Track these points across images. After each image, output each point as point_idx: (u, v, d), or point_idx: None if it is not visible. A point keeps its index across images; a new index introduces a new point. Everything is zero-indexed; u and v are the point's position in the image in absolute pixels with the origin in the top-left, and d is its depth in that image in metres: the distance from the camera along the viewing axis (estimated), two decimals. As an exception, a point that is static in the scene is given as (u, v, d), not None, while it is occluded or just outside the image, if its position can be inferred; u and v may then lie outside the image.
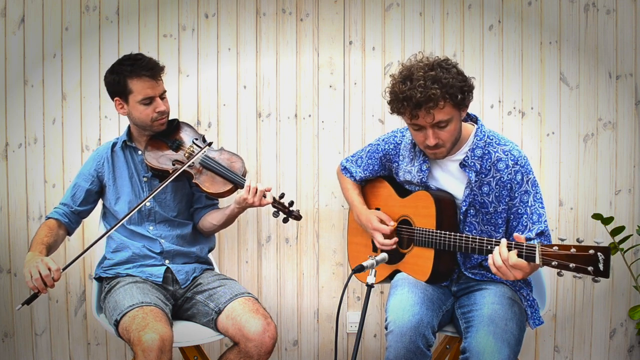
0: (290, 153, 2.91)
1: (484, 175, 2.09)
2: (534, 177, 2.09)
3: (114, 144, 2.46)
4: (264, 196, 2.29)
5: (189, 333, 2.26)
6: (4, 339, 2.88)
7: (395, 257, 2.24)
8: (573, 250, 1.65)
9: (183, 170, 2.33)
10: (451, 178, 2.15)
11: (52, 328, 2.90)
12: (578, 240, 1.68)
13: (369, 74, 2.90)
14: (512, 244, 1.81)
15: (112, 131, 2.84)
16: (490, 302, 2.03)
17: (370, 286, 1.78)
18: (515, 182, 2.07)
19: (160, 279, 2.31)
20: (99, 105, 2.85)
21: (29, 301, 2.09)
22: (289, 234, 2.93)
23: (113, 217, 2.43)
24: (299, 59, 2.89)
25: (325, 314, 2.96)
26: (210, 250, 2.56)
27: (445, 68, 1.97)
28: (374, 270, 1.80)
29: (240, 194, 2.32)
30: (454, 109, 1.98)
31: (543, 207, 2.07)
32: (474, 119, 2.18)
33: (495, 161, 2.08)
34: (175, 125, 2.48)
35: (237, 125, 2.90)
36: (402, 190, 2.29)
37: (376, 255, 1.86)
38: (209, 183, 2.34)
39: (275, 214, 2.37)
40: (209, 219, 2.46)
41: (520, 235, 1.81)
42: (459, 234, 2.00)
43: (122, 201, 2.40)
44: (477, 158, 2.08)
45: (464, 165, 2.09)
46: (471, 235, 1.98)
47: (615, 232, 2.74)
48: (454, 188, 2.14)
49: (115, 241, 2.39)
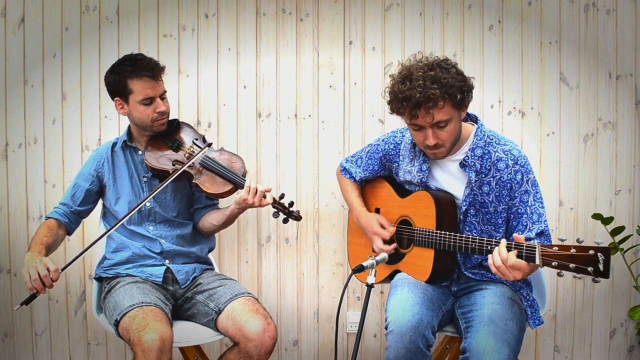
0: (290, 153, 2.91)
1: (484, 175, 2.09)
2: (534, 177, 2.09)
3: (114, 144, 2.46)
4: (264, 197, 2.29)
5: (189, 333, 2.26)
6: (4, 339, 2.88)
7: (395, 257, 2.24)
8: (573, 250, 1.65)
9: (183, 170, 2.33)
10: (451, 178, 2.15)
11: (52, 328, 2.90)
12: (578, 240, 1.68)
13: (369, 74, 2.89)
14: (512, 244, 1.81)
15: (112, 131, 2.84)
16: (490, 302, 2.03)
17: (370, 286, 1.78)
18: (515, 182, 2.07)
19: (160, 279, 2.31)
20: (99, 105, 2.85)
21: (27, 301, 2.09)
22: (289, 234, 2.93)
23: (113, 217, 2.43)
24: (299, 59, 2.89)
25: (325, 314, 2.96)
26: (210, 250, 2.56)
27: (445, 68, 1.97)
28: (374, 270, 1.81)
29: (240, 194, 2.32)
30: (453, 109, 1.98)
31: (543, 207, 2.07)
32: (474, 119, 2.18)
33: (495, 161, 2.08)
34: (175, 126, 2.48)
35: (237, 125, 2.89)
36: (402, 190, 2.29)
37: (376, 256, 1.87)
38: (209, 183, 2.34)
39: (275, 215, 2.37)
40: (209, 219, 2.46)
41: (519, 236, 1.81)
42: (458, 234, 2.00)
43: (122, 201, 2.40)
44: (477, 158, 2.08)
45: (464, 165, 2.09)
46: (471, 236, 1.98)
47: (615, 232, 2.74)
48: (454, 188, 2.14)
49: (115, 241, 2.39)
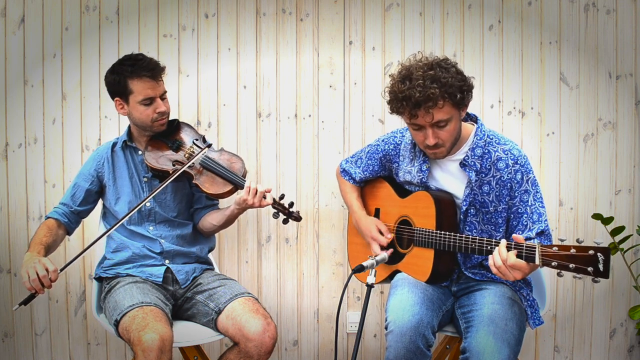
0: (290, 153, 2.91)
1: (484, 175, 2.09)
2: (534, 177, 2.09)
3: (114, 144, 2.46)
4: (264, 197, 2.29)
5: (189, 333, 2.25)
6: (4, 339, 2.88)
7: (395, 258, 2.23)
8: (573, 250, 1.65)
9: (183, 170, 2.33)
10: (451, 178, 2.14)
11: (52, 328, 2.90)
12: (578, 240, 1.68)
13: (369, 74, 2.89)
14: (512, 244, 1.81)
15: (112, 131, 2.84)
16: (490, 302, 2.03)
17: (370, 286, 1.78)
18: (515, 182, 2.07)
19: (160, 279, 2.31)
20: (99, 105, 2.85)
21: (26, 302, 2.09)
22: (289, 234, 2.93)
23: (113, 217, 2.43)
24: (299, 59, 2.89)
25: (325, 314, 2.96)
26: (210, 250, 2.56)
27: (444, 67, 1.97)
28: (374, 270, 1.81)
29: (240, 195, 2.32)
30: (453, 109, 1.98)
31: (543, 207, 2.07)
32: (474, 119, 2.18)
33: (495, 160, 2.08)
34: (175, 126, 2.48)
35: (237, 125, 2.89)
36: (402, 190, 2.29)
37: (376, 256, 1.87)
38: (209, 184, 2.34)
39: (275, 215, 2.36)
40: (209, 220, 2.46)
41: (519, 236, 1.81)
42: (458, 235, 2.00)
43: (122, 201, 2.40)
44: (477, 157, 2.08)
45: (464, 164, 2.09)
46: (471, 236, 1.97)
47: (615, 232, 2.74)
48: (454, 188, 2.14)
49: (115, 241, 2.39)
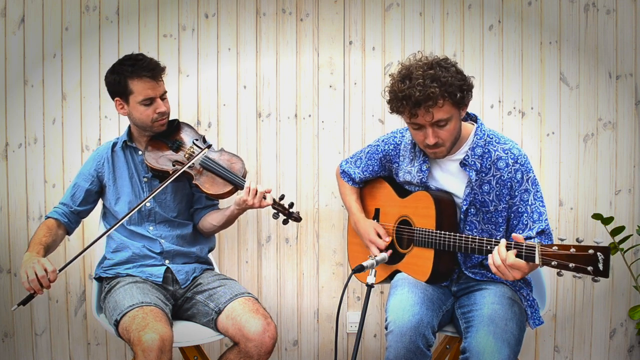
0: (290, 153, 2.91)
1: (484, 174, 2.09)
2: (534, 176, 2.08)
3: (114, 144, 2.46)
4: (264, 198, 2.29)
5: (189, 333, 2.25)
6: (4, 339, 2.88)
7: (395, 258, 2.24)
8: (572, 250, 1.65)
9: (183, 170, 2.33)
10: (451, 177, 2.14)
11: (52, 328, 2.90)
12: (578, 240, 1.68)
13: (369, 74, 2.89)
14: (512, 244, 1.81)
15: (112, 131, 2.84)
16: (490, 302, 2.03)
17: (370, 286, 1.78)
18: (516, 181, 2.07)
19: (160, 279, 2.31)
20: (99, 105, 2.85)
21: (24, 302, 2.09)
22: (289, 234, 2.93)
23: (113, 217, 2.42)
24: (299, 59, 2.89)
25: (325, 314, 2.96)
26: (210, 250, 2.56)
27: (444, 67, 1.97)
28: (374, 270, 1.81)
29: (240, 195, 2.31)
30: (453, 108, 1.98)
31: (544, 206, 2.07)
32: (474, 118, 2.18)
33: (496, 160, 2.08)
34: (175, 126, 2.48)
35: (237, 125, 2.89)
36: (402, 190, 2.29)
37: (376, 256, 1.87)
38: (209, 184, 2.34)
39: (275, 216, 2.36)
40: (209, 220, 2.45)
41: (518, 235, 1.81)
42: (458, 234, 2.00)
43: (122, 201, 2.40)
44: (477, 157, 2.08)
45: (464, 164, 2.09)
46: (471, 236, 1.97)
47: (615, 232, 2.74)
48: (454, 187, 2.14)
49: (115, 241, 2.39)
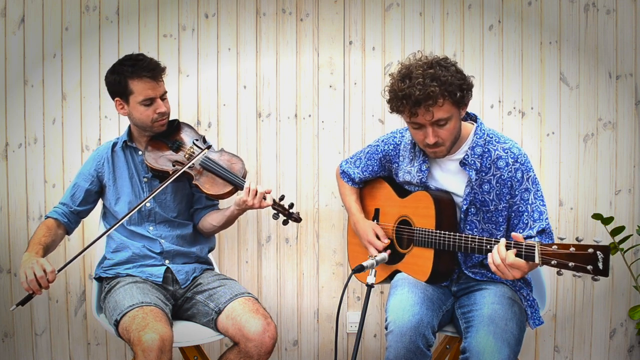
0: (290, 153, 2.91)
1: (484, 174, 2.09)
2: (534, 175, 2.08)
3: (114, 144, 2.46)
4: (264, 198, 2.29)
5: (189, 333, 2.25)
6: (4, 339, 2.88)
7: (395, 258, 2.24)
8: (572, 249, 1.65)
9: (183, 171, 2.33)
10: (451, 177, 2.14)
11: (52, 328, 2.90)
12: (577, 239, 1.68)
13: (369, 74, 2.89)
14: (512, 243, 1.81)
15: (112, 131, 2.84)
16: (490, 302, 2.03)
17: (370, 286, 1.78)
18: (516, 180, 2.07)
19: (160, 279, 2.31)
20: (99, 105, 2.85)
21: (23, 302, 2.09)
22: (289, 234, 2.93)
23: (113, 217, 2.42)
24: (299, 59, 2.89)
25: (325, 314, 2.96)
26: (210, 250, 2.56)
27: (444, 66, 1.97)
28: (374, 270, 1.81)
29: (240, 196, 2.31)
30: (453, 107, 1.98)
31: (544, 205, 2.07)
32: (473, 118, 2.18)
33: (495, 159, 2.08)
34: (175, 126, 2.48)
35: (237, 125, 2.89)
36: (402, 190, 2.29)
37: (376, 256, 1.87)
38: (209, 184, 2.34)
39: (275, 216, 2.36)
40: (209, 220, 2.45)
41: (518, 235, 1.81)
42: (458, 234, 2.00)
43: (122, 201, 2.40)
44: (477, 156, 2.08)
45: (464, 163, 2.09)
46: (470, 235, 1.97)
47: (615, 232, 2.74)
48: (454, 187, 2.14)
49: (115, 241, 2.39)
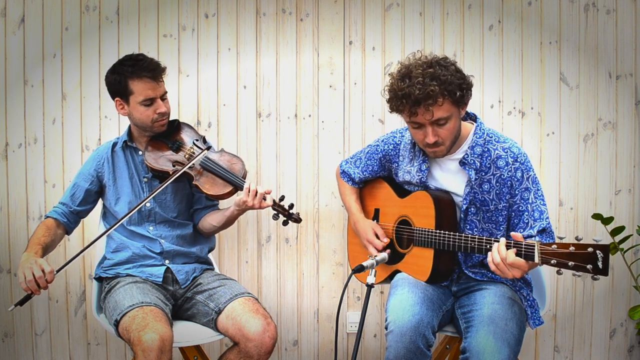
0: (290, 153, 2.91)
1: (484, 173, 2.09)
2: (534, 174, 2.08)
3: (114, 144, 2.46)
4: (264, 199, 2.28)
5: (189, 333, 2.25)
6: (4, 339, 2.88)
7: (395, 258, 2.24)
8: (572, 248, 1.65)
9: (183, 171, 2.33)
10: (451, 177, 2.14)
11: (52, 328, 2.90)
12: (577, 238, 1.68)
13: (369, 74, 2.90)
14: (511, 242, 1.81)
15: (112, 131, 2.84)
16: (490, 302, 2.03)
17: (370, 286, 1.78)
18: (516, 180, 2.07)
19: (160, 279, 2.31)
20: (99, 105, 2.85)
21: (21, 302, 2.09)
22: (289, 234, 2.93)
23: (113, 218, 2.42)
24: (299, 59, 2.89)
25: (325, 314, 2.96)
26: (211, 250, 2.56)
27: (444, 65, 1.97)
28: (374, 270, 1.81)
29: (240, 196, 2.31)
30: (452, 106, 1.98)
31: (544, 204, 2.07)
32: (473, 118, 2.18)
33: (495, 159, 2.08)
34: (175, 126, 2.48)
35: (237, 125, 2.89)
36: (402, 190, 2.29)
37: (376, 256, 1.87)
38: (209, 185, 2.34)
39: (275, 217, 2.36)
40: (209, 220, 2.45)
41: (517, 234, 1.81)
42: (458, 234, 2.00)
43: (122, 202, 2.40)
44: (477, 156, 2.08)
45: (463, 163, 2.09)
46: (470, 235, 1.97)
47: (615, 232, 2.74)
48: (454, 187, 2.14)
49: (115, 241, 2.39)
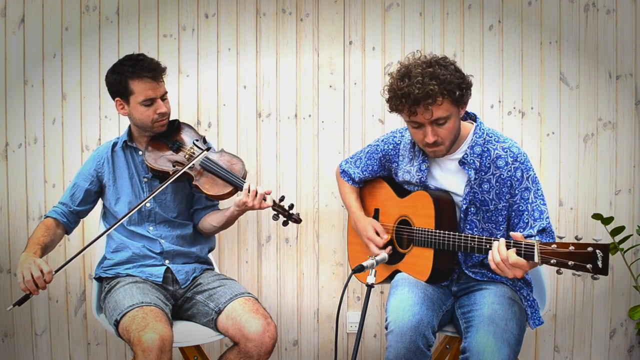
0: (290, 153, 2.91)
1: (483, 173, 2.09)
2: (534, 174, 2.08)
3: (114, 144, 2.46)
4: (264, 199, 2.28)
5: (189, 333, 2.25)
6: (4, 339, 2.88)
7: (395, 257, 2.24)
8: (571, 248, 1.65)
9: (183, 171, 2.33)
10: (451, 177, 2.14)
11: (52, 328, 2.90)
12: (577, 238, 1.68)
13: (369, 74, 2.90)
14: (511, 242, 1.81)
15: (112, 131, 2.84)
16: (490, 302, 2.03)
17: (370, 286, 1.78)
18: (515, 179, 2.07)
19: (160, 279, 2.31)
20: (99, 105, 2.85)
21: (20, 302, 2.09)
22: (289, 234, 2.93)
23: (113, 217, 2.42)
24: (299, 59, 2.89)
25: (325, 314, 2.96)
26: (210, 250, 2.56)
27: (443, 65, 1.97)
28: (374, 270, 1.81)
29: (240, 196, 2.31)
30: (452, 106, 1.99)
31: (545, 204, 2.07)
32: (473, 117, 2.18)
33: (495, 158, 2.08)
34: (175, 126, 2.48)
35: (237, 125, 2.89)
36: (401, 190, 2.29)
37: (376, 256, 1.87)
38: (209, 185, 2.34)
39: (275, 217, 2.36)
40: (209, 220, 2.45)
41: (517, 234, 1.82)
42: (457, 234, 2.00)
43: (122, 202, 2.40)
44: (477, 156, 2.08)
45: (463, 163, 2.09)
46: (470, 235, 1.97)
47: (615, 232, 2.74)
48: (453, 186, 2.14)
49: (115, 241, 2.39)
